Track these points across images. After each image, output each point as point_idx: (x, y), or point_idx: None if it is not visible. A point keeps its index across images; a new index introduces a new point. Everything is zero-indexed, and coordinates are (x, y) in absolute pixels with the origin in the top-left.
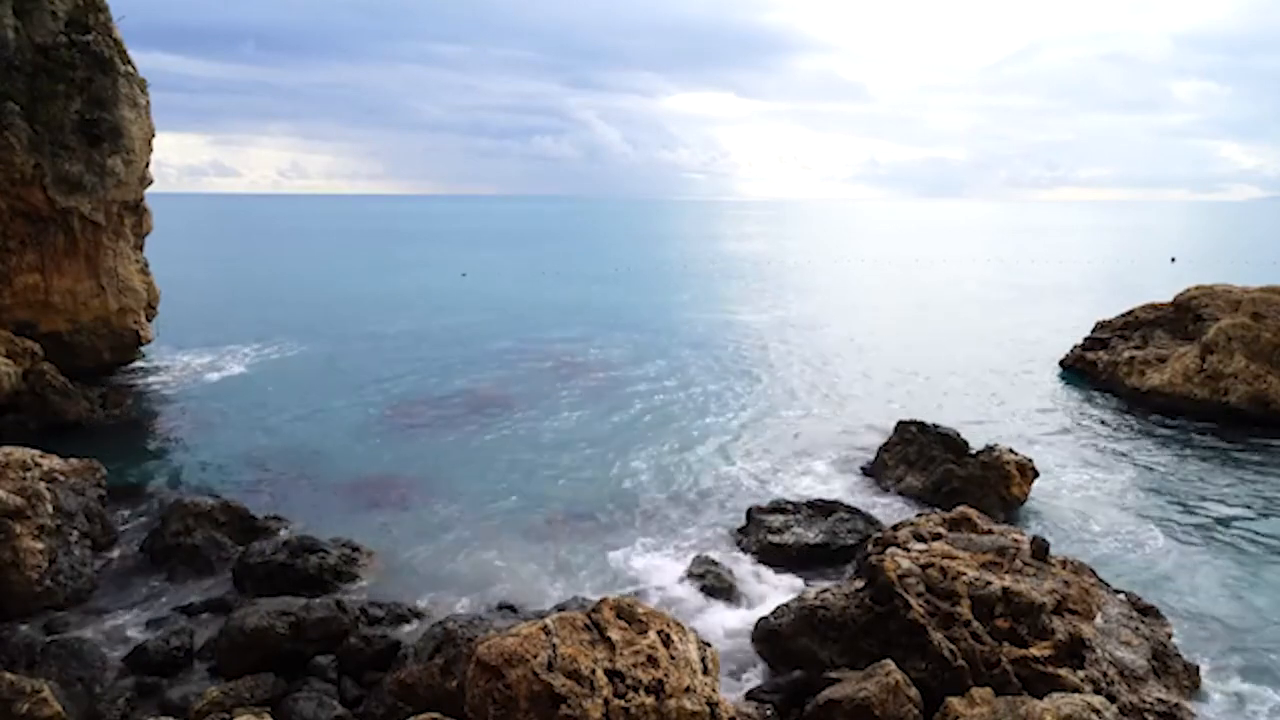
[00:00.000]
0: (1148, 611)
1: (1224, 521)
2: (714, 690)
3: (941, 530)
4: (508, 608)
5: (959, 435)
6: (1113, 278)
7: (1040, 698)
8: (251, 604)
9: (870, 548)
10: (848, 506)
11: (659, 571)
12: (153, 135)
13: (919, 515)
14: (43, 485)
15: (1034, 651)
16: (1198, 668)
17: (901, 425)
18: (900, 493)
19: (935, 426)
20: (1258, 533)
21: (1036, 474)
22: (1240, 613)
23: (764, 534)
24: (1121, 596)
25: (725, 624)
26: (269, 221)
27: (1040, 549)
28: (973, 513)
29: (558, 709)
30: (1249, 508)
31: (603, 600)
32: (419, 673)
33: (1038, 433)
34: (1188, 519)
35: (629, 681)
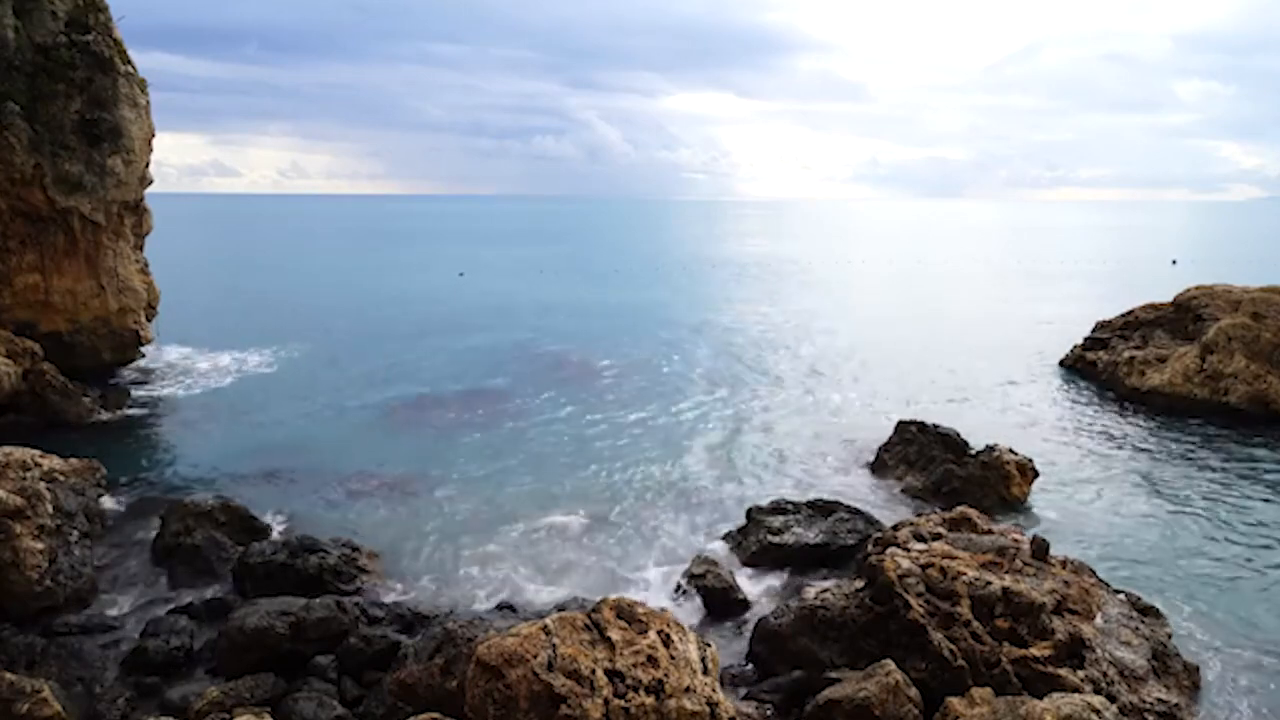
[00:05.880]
0: (1148, 611)
1: (1224, 521)
2: (714, 690)
3: (941, 530)
4: (508, 608)
5: (959, 435)
6: (1113, 278)
7: (1040, 698)
8: (251, 604)
9: (870, 548)
10: (848, 506)
11: (659, 571)
12: (153, 135)
13: (919, 515)
14: (43, 485)
15: (1034, 651)
16: (1198, 668)
17: (901, 425)
18: (900, 493)
19: (935, 426)
20: (1258, 533)
21: (1036, 474)
22: (1240, 612)
23: (764, 534)
24: (1121, 596)
25: (725, 624)
26: (269, 221)
27: (1040, 549)
28: (973, 513)
29: (558, 709)
30: (1249, 508)
31: (603, 600)
32: (419, 673)
33: (1038, 433)
34: (1188, 519)
35: (629, 681)
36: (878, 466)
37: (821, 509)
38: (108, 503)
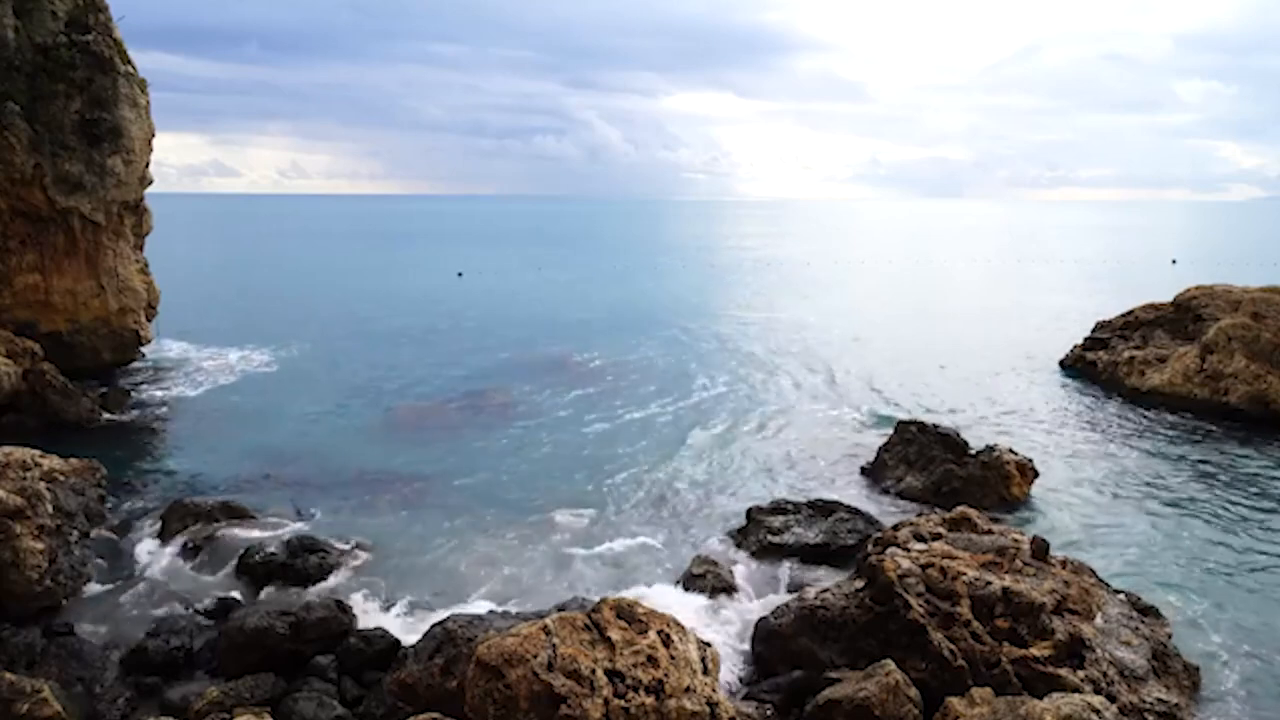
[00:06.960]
0: (1148, 611)
1: (1224, 521)
2: (714, 690)
3: (941, 530)
4: (507, 608)
5: (959, 435)
6: (1113, 278)
7: (1040, 698)
8: (251, 604)
9: (870, 548)
10: (848, 506)
11: (659, 571)
12: (153, 135)
13: (919, 515)
14: (43, 485)
15: (1034, 651)
16: (1198, 668)
17: (901, 425)
18: (900, 493)
19: (935, 426)
20: (1258, 533)
21: (1036, 474)
22: (1240, 612)
23: (764, 534)
24: (1121, 596)
25: (725, 624)
26: (269, 221)
27: (1040, 549)
28: (973, 513)
29: (558, 709)
30: (1249, 508)
31: (603, 600)
32: (419, 673)
33: (1038, 433)
34: (1188, 519)
35: (629, 681)
36: (878, 466)
37: (821, 509)
38: (108, 503)
